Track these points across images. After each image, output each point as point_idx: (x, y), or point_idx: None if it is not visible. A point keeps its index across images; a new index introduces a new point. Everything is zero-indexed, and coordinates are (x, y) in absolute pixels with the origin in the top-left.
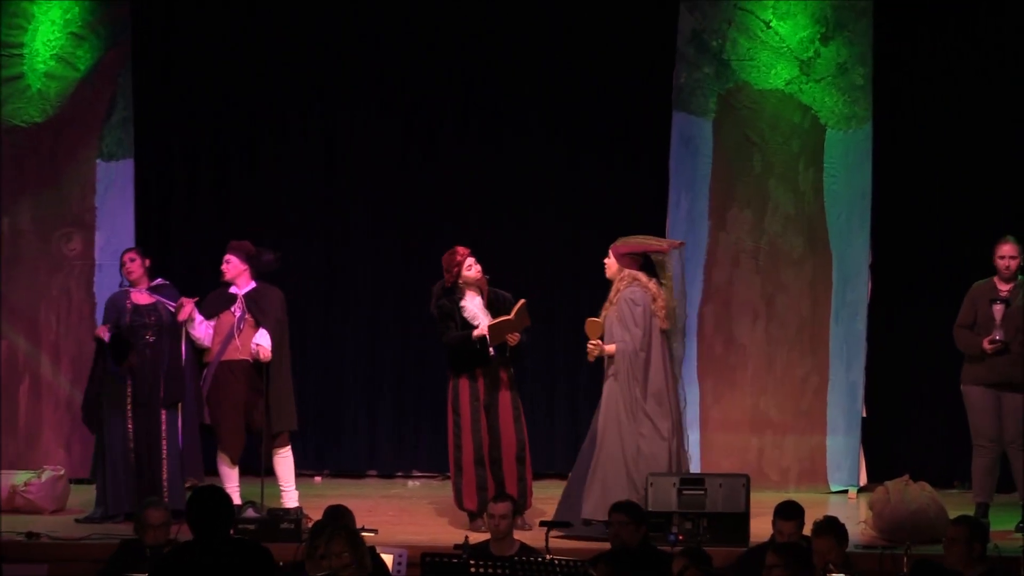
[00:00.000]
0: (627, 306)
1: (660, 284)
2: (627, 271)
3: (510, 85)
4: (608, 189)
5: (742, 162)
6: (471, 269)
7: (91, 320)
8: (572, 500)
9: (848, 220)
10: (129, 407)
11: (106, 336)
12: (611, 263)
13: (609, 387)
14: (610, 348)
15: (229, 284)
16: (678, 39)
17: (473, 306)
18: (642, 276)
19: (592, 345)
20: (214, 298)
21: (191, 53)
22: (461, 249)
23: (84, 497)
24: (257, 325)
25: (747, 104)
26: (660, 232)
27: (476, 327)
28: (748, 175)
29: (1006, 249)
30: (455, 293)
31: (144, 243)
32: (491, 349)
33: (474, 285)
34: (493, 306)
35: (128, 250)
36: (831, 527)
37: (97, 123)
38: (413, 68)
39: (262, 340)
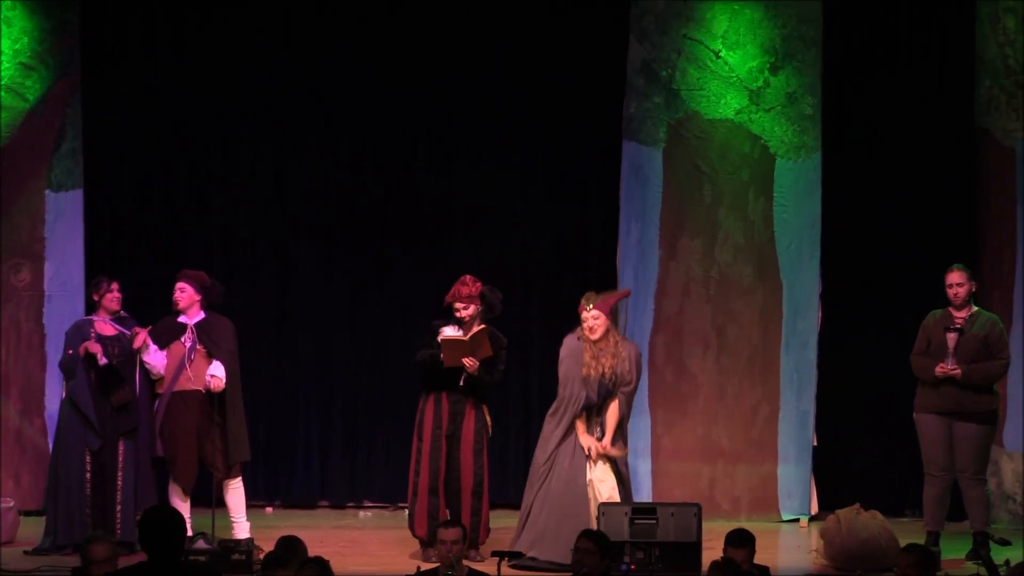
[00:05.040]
0: (639, 355)
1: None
2: (610, 323)
3: (460, 116)
4: (559, 218)
5: (692, 191)
6: (459, 305)
7: (40, 351)
8: None
9: (798, 249)
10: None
11: (100, 355)
12: (603, 320)
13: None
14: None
15: (178, 313)
16: (628, 69)
17: (451, 331)
18: None
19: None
20: (163, 327)
21: (140, 84)
22: (464, 278)
23: (34, 529)
24: (209, 356)
25: (697, 134)
26: (611, 261)
27: None
28: (698, 204)
29: (953, 277)
30: (448, 316)
31: (93, 274)
32: (461, 379)
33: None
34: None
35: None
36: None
37: (46, 154)
38: (363, 100)
39: (217, 371)
